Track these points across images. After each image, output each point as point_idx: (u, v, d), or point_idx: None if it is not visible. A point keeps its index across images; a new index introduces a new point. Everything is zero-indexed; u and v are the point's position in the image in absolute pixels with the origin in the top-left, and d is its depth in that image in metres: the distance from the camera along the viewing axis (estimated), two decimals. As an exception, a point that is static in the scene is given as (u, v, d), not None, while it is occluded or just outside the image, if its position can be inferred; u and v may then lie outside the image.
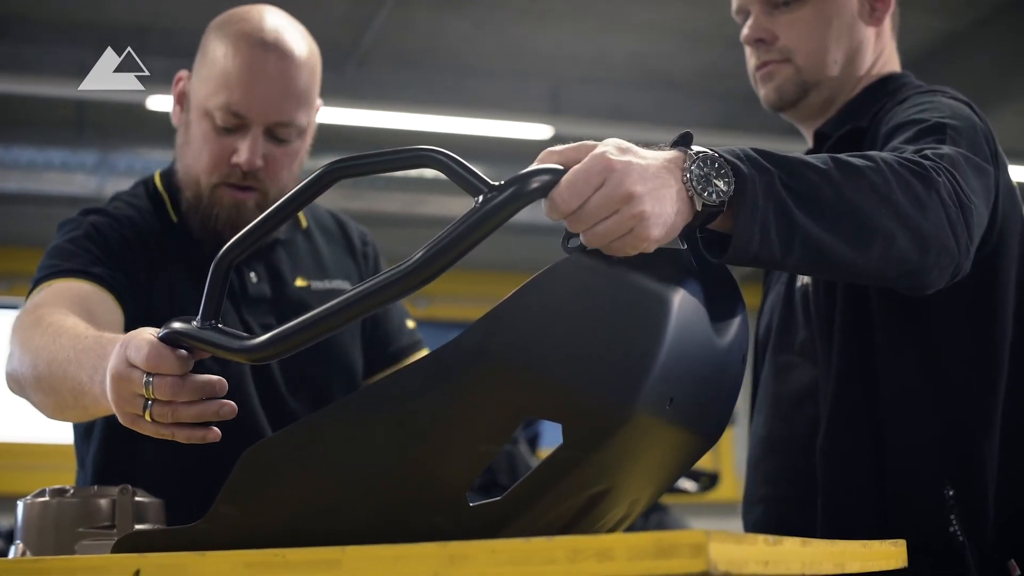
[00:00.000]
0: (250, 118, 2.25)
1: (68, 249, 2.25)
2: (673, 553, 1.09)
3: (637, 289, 1.39)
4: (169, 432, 1.56)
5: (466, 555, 1.17)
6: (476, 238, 1.37)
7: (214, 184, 2.29)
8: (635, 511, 1.63)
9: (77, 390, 1.81)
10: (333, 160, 1.51)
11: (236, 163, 2.26)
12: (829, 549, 1.43)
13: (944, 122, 1.91)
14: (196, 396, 1.54)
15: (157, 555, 1.36)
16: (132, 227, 2.33)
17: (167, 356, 1.52)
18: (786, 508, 2.16)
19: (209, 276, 1.56)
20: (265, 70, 2.25)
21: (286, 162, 2.31)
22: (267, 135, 2.27)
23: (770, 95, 2.29)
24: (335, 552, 1.23)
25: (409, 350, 2.59)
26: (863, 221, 1.56)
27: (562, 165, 1.40)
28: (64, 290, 2.15)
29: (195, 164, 2.30)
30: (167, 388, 1.52)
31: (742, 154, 1.48)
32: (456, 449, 1.37)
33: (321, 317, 1.42)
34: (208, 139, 2.28)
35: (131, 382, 1.54)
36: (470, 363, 1.36)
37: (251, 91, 2.24)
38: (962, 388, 2.03)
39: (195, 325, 1.54)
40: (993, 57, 7.58)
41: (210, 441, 1.58)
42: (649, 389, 1.35)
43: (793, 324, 2.21)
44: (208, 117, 2.27)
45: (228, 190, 2.29)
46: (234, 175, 2.27)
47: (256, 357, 1.47)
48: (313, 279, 2.45)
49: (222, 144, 2.27)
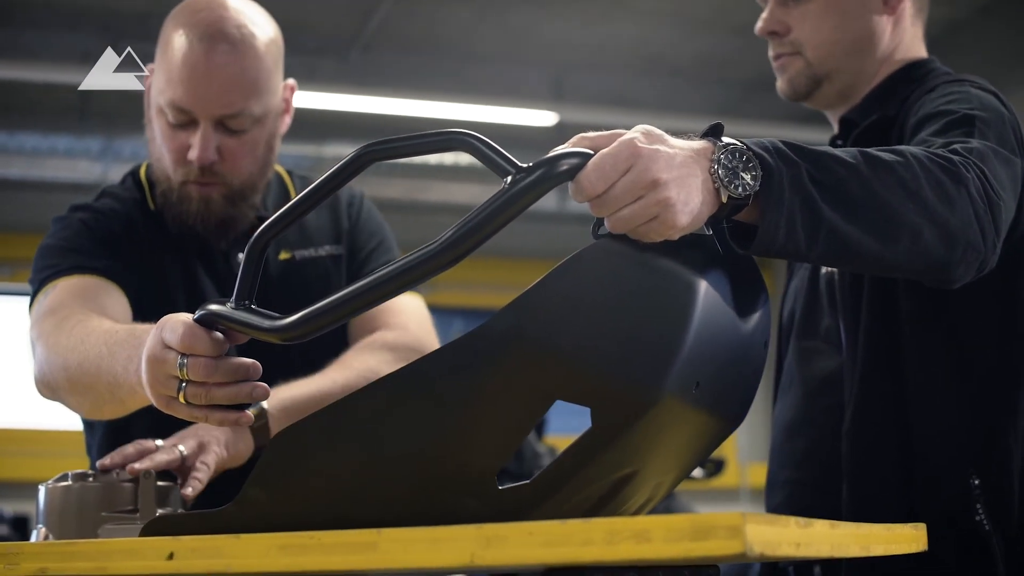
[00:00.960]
0: (195, 113, 2.21)
1: (63, 247, 2.25)
2: (710, 535, 1.09)
3: (665, 274, 1.40)
4: (203, 415, 1.57)
5: (502, 537, 1.17)
6: (506, 218, 1.38)
7: (180, 181, 2.27)
8: (658, 495, 1.64)
9: (113, 383, 1.82)
10: (367, 143, 1.52)
11: (189, 159, 2.23)
12: (856, 532, 1.44)
13: (973, 114, 1.91)
14: (230, 378, 1.54)
15: (190, 538, 1.36)
16: (118, 220, 2.32)
17: (201, 337, 1.53)
18: (810, 491, 2.17)
19: (244, 257, 1.56)
20: (206, 63, 2.19)
21: (244, 151, 2.26)
22: (219, 127, 2.23)
23: (783, 87, 2.30)
24: (371, 535, 1.24)
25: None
26: (890, 216, 1.56)
27: (592, 150, 1.41)
28: (71, 288, 2.16)
29: (161, 160, 2.28)
30: (201, 369, 1.53)
31: (770, 146, 1.49)
32: (486, 432, 1.38)
33: (351, 296, 1.43)
34: (165, 136, 2.25)
35: (166, 363, 1.55)
36: (500, 347, 1.36)
37: (193, 86, 2.19)
38: (987, 377, 2.04)
39: (230, 306, 1.54)
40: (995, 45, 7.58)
41: (243, 424, 1.59)
42: (676, 373, 1.37)
43: (818, 310, 2.22)
44: (161, 114, 2.24)
45: (193, 186, 2.26)
46: (193, 172, 2.24)
47: (288, 336, 1.48)
48: (297, 249, 2.41)
49: (178, 140, 2.24)
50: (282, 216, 1.57)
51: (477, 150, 1.44)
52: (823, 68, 2.24)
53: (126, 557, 1.39)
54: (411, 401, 1.40)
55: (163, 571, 1.36)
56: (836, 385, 2.13)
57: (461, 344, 1.39)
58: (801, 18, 2.24)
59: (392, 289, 1.42)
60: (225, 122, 2.23)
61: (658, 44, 8.30)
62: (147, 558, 1.37)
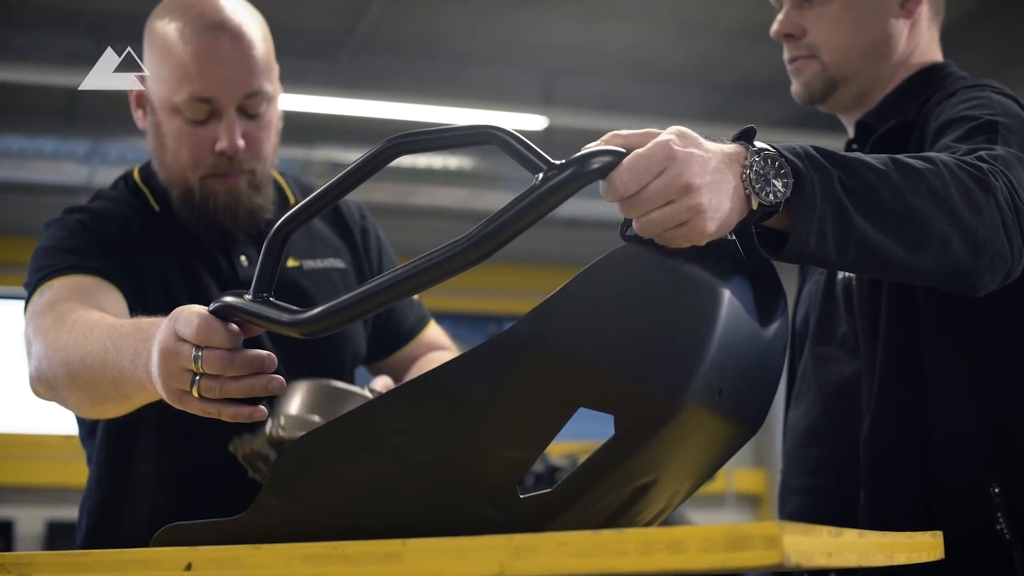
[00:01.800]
0: (220, 101, 2.20)
1: (60, 248, 2.22)
2: (747, 545, 1.08)
3: (690, 280, 1.39)
4: (215, 409, 1.54)
5: (532, 547, 1.16)
6: (535, 216, 1.36)
7: (202, 177, 2.25)
8: (674, 503, 1.62)
9: (118, 378, 1.78)
10: (395, 135, 1.49)
11: (220, 151, 2.21)
12: (880, 540, 1.43)
13: (995, 120, 1.90)
14: (245, 371, 1.52)
15: (208, 548, 1.34)
16: (116, 221, 2.30)
17: (217, 329, 1.51)
18: (826, 499, 2.15)
19: (264, 248, 1.54)
20: (220, 50, 2.20)
21: (264, 135, 2.27)
22: (240, 113, 2.23)
23: (799, 91, 2.28)
24: (396, 545, 1.22)
25: (420, 324, 2.57)
26: (920, 224, 1.55)
27: (625, 149, 1.39)
28: (69, 286, 2.13)
29: (176, 162, 2.26)
30: (216, 362, 1.50)
31: (802, 152, 1.47)
32: (508, 439, 1.36)
33: (374, 292, 1.41)
34: (183, 135, 2.23)
35: (180, 356, 1.53)
36: (523, 353, 1.35)
37: (214, 73, 2.20)
38: (1008, 385, 2.03)
39: (247, 298, 1.52)
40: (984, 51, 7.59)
41: (257, 419, 1.56)
42: (701, 380, 1.35)
43: (834, 316, 2.20)
44: (177, 113, 2.22)
45: (218, 180, 2.25)
46: (221, 164, 2.23)
47: (307, 331, 1.46)
48: (305, 258, 2.40)
49: (199, 136, 2.22)
50: (304, 208, 1.55)
51: (508, 145, 1.42)
52: (840, 71, 2.23)
53: (142, 568, 1.37)
54: (432, 408, 1.38)
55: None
56: (853, 392, 2.12)
57: (483, 351, 1.38)
58: (817, 21, 2.22)
59: (417, 285, 1.40)
60: (245, 106, 2.23)
61: (648, 48, 8.29)
62: (164, 568, 1.35)
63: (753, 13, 7.71)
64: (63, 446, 10.96)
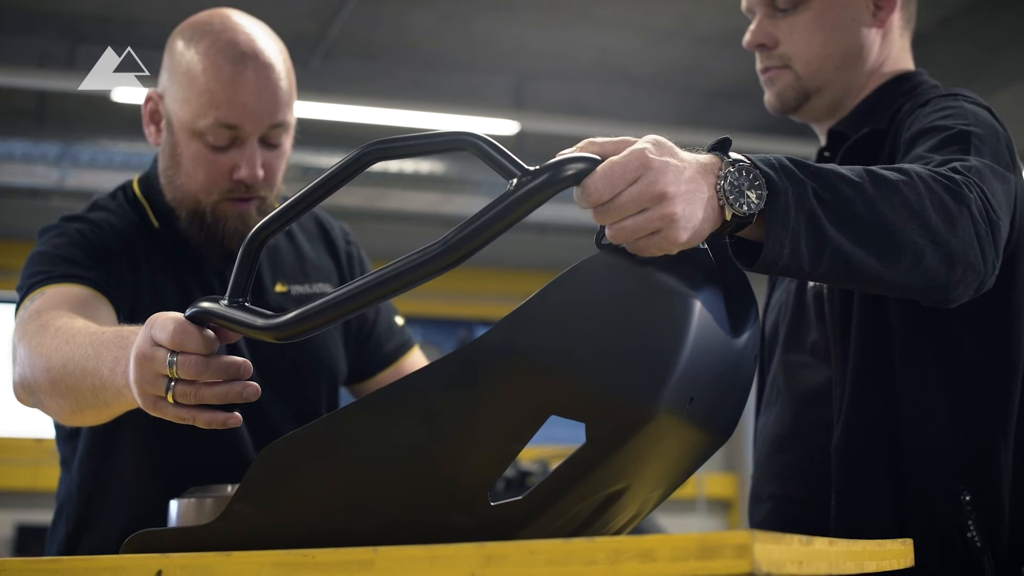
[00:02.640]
0: (245, 129, 2.21)
1: (56, 255, 2.21)
2: (718, 554, 1.08)
3: (662, 289, 1.39)
4: (191, 416, 1.54)
5: (503, 555, 1.16)
6: (509, 221, 1.37)
7: (215, 202, 2.25)
8: (645, 511, 1.63)
9: (98, 385, 1.78)
10: (371, 141, 1.50)
11: (239, 179, 2.22)
12: (850, 548, 1.43)
13: (968, 130, 1.90)
14: (220, 376, 1.52)
15: (179, 555, 1.34)
16: (114, 234, 2.30)
17: (192, 334, 1.51)
18: (796, 507, 2.15)
19: (240, 254, 1.55)
20: (249, 79, 2.20)
21: (279, 164, 2.28)
22: (261, 143, 2.24)
23: (771, 101, 2.28)
24: (367, 552, 1.22)
25: (402, 349, 2.58)
26: (894, 236, 1.56)
27: (600, 157, 1.40)
28: (60, 295, 2.12)
29: (190, 183, 2.26)
30: (191, 367, 1.50)
31: (777, 164, 1.48)
32: (479, 447, 1.36)
33: (347, 297, 1.41)
34: (202, 158, 2.23)
35: (155, 361, 1.53)
36: (495, 361, 1.35)
37: (242, 103, 2.20)
38: (979, 392, 2.02)
39: (223, 304, 1.52)
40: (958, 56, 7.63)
41: (231, 426, 1.56)
42: (672, 388, 1.35)
43: (805, 324, 2.20)
44: (198, 137, 2.22)
45: (231, 204, 2.25)
46: (237, 190, 2.24)
47: (281, 335, 1.46)
48: (293, 283, 2.42)
49: (219, 162, 2.23)
50: (280, 215, 1.55)
51: (483, 151, 1.43)
52: (812, 82, 2.23)
53: (112, 574, 1.37)
54: (403, 416, 1.38)
55: (151, 588, 1.34)
56: (824, 400, 2.12)
57: (455, 358, 1.38)
58: (790, 31, 2.22)
59: (391, 289, 1.40)
60: (267, 136, 2.24)
61: (620, 53, 8.31)
62: (134, 575, 1.35)
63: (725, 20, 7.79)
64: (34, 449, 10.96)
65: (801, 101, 2.25)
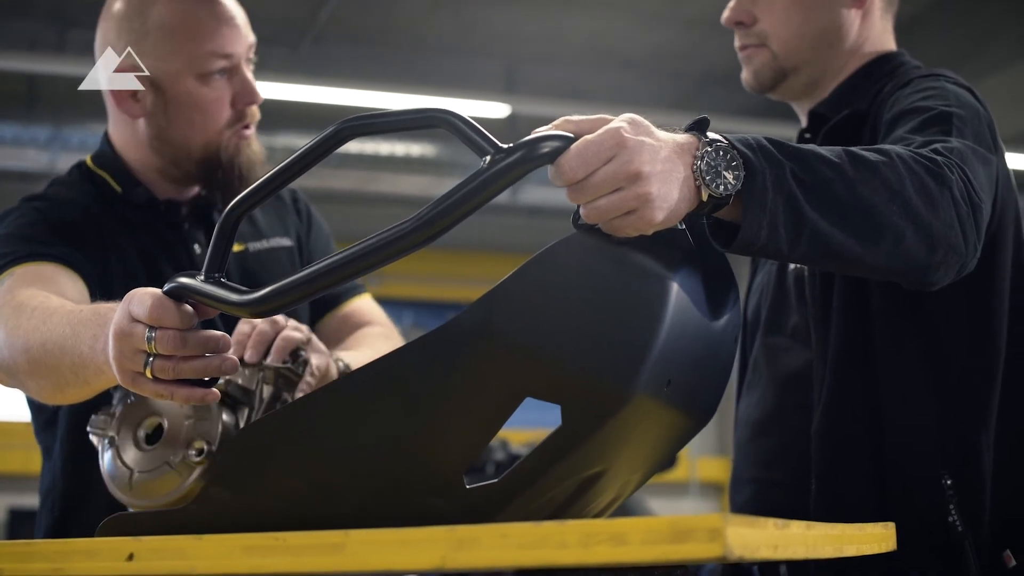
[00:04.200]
0: (237, 54, 2.27)
1: (19, 235, 2.20)
2: (689, 538, 1.07)
3: (639, 270, 1.38)
4: (169, 391, 1.53)
5: (475, 539, 1.15)
6: (483, 198, 1.36)
7: (225, 138, 2.28)
8: (625, 493, 1.62)
9: (78, 363, 1.77)
10: (348, 117, 1.51)
11: (246, 104, 2.28)
12: (829, 532, 1.42)
13: (950, 111, 1.88)
14: (199, 351, 1.51)
15: (151, 538, 1.33)
16: (74, 207, 2.30)
17: (170, 309, 1.50)
18: (777, 490, 2.14)
19: (216, 230, 1.54)
20: (221, 8, 2.27)
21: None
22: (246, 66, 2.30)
23: (748, 79, 2.27)
24: (338, 536, 1.21)
25: (347, 293, 2.56)
26: (874, 218, 1.54)
27: (575, 135, 1.38)
28: (29, 274, 2.11)
29: (193, 133, 2.28)
30: (169, 341, 1.49)
31: (755, 144, 1.46)
32: (454, 430, 1.36)
33: (322, 272, 1.40)
34: (203, 100, 2.26)
35: (133, 336, 1.51)
36: (470, 343, 1.34)
37: (226, 30, 2.26)
38: (960, 376, 2.02)
39: (199, 279, 1.52)
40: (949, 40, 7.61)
41: (209, 402, 1.55)
42: (649, 370, 1.34)
43: (786, 307, 2.19)
44: (195, 81, 2.25)
45: (237, 136, 2.30)
46: (241, 118, 2.29)
47: (257, 311, 1.45)
48: (250, 241, 2.42)
49: (218, 98, 2.27)
50: (255, 190, 1.55)
51: (457, 128, 1.42)
52: (789, 61, 2.21)
53: (85, 558, 1.36)
54: (378, 397, 1.38)
55: (123, 572, 1.33)
56: (804, 383, 2.11)
57: (430, 340, 1.37)
58: (768, 9, 2.20)
59: (365, 265, 1.39)
60: (248, 58, 2.31)
61: (611, 37, 8.29)
62: (106, 559, 1.34)
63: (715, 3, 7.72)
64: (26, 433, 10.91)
65: (777, 80, 2.24)
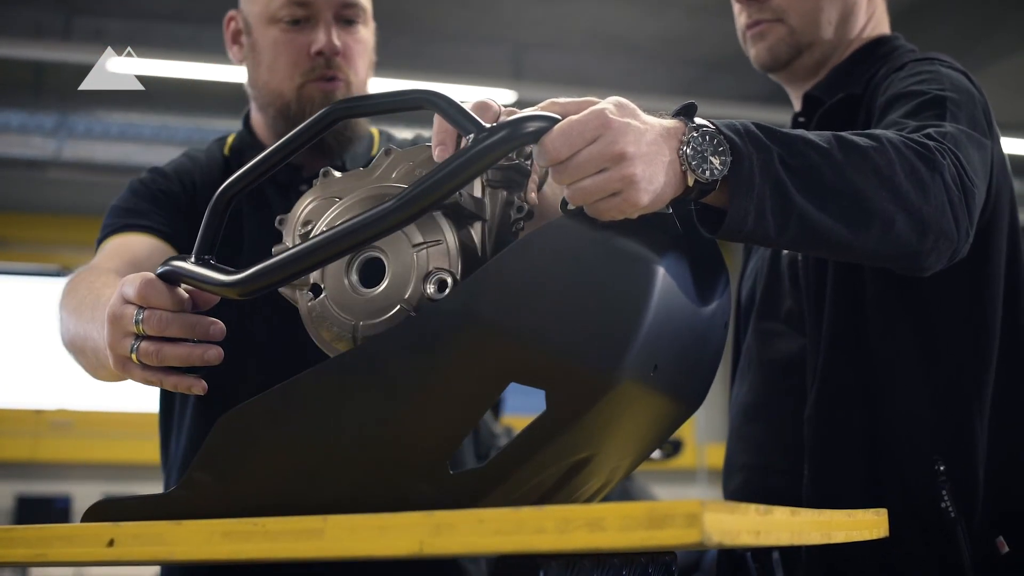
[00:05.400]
0: (315, 3, 2.28)
1: (119, 207, 2.29)
2: (667, 523, 1.06)
3: (624, 254, 1.37)
4: (156, 379, 1.53)
5: (452, 524, 1.14)
6: (465, 177, 1.35)
7: (299, 85, 2.30)
8: (615, 479, 1.61)
9: (96, 349, 1.78)
10: (337, 101, 1.51)
11: (317, 50, 2.27)
12: (816, 519, 1.41)
13: (944, 95, 1.87)
14: (186, 333, 1.51)
15: (131, 524, 1.32)
16: (178, 175, 2.36)
17: (159, 288, 1.50)
18: (770, 476, 2.13)
19: (207, 212, 1.54)
20: None
21: (360, 49, 2.33)
22: (336, 21, 2.29)
23: (762, 55, 2.23)
24: (317, 521, 1.20)
25: None
26: (863, 203, 1.52)
27: (562, 116, 1.37)
28: (119, 246, 2.19)
29: (273, 77, 2.31)
30: (156, 321, 1.49)
31: (742, 129, 1.45)
32: (438, 415, 1.35)
33: (307, 252, 1.39)
34: (279, 43, 2.29)
35: (124, 318, 1.51)
36: (452, 327, 1.33)
37: None
38: (955, 361, 2.00)
39: (190, 261, 1.51)
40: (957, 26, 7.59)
41: (196, 392, 1.54)
42: (634, 355, 1.33)
43: (779, 291, 2.18)
44: (274, 22, 2.29)
45: (315, 85, 2.30)
46: (317, 67, 2.29)
47: (244, 291, 1.44)
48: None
49: (296, 41, 2.29)
50: (245, 173, 1.55)
51: (442, 109, 1.42)
52: (807, 37, 2.19)
53: (66, 544, 1.36)
54: (362, 383, 1.37)
55: (103, 558, 1.33)
56: (797, 368, 2.10)
57: (413, 324, 1.37)
58: None
59: (350, 244, 1.38)
60: (341, 13, 2.30)
61: (618, 23, 8.27)
62: (87, 545, 1.34)
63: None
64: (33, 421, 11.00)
65: (792, 56, 2.21)
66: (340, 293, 1.49)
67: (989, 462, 1.98)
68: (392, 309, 1.44)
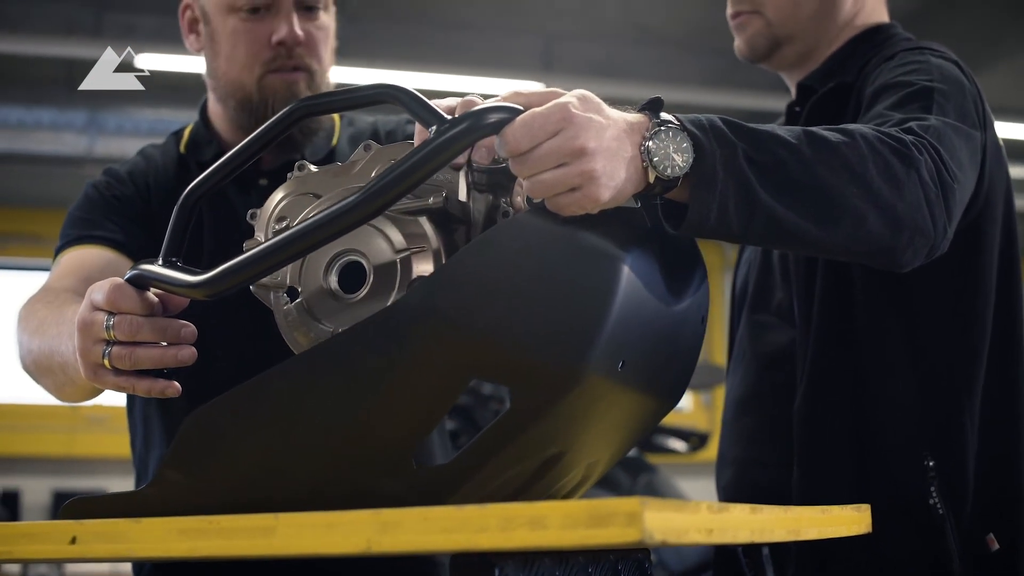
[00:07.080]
0: None
1: (74, 218, 2.25)
2: (607, 522, 1.05)
3: (587, 249, 1.36)
4: (129, 384, 1.53)
5: (398, 522, 1.14)
6: (428, 169, 1.35)
7: (259, 76, 2.23)
8: (594, 473, 1.60)
9: (64, 364, 1.77)
10: (301, 98, 1.52)
11: (279, 40, 2.20)
12: (782, 516, 1.40)
13: (932, 86, 1.85)
14: (158, 337, 1.51)
15: (94, 522, 1.34)
16: (132, 177, 2.31)
17: (128, 293, 1.50)
18: (760, 469, 2.13)
19: (174, 214, 1.55)
20: None
21: (322, 36, 2.25)
22: (297, 8, 2.22)
23: (741, 47, 2.24)
24: (269, 519, 1.21)
25: None
26: (831, 199, 1.50)
27: (525, 107, 1.37)
28: (73, 260, 2.15)
29: (232, 66, 2.25)
30: (126, 326, 1.49)
31: (707, 125, 1.44)
32: (402, 411, 1.35)
33: (273, 249, 1.40)
34: (238, 33, 2.23)
35: (94, 325, 1.51)
36: (415, 323, 1.32)
37: None
38: (944, 356, 1.99)
39: (157, 264, 1.52)
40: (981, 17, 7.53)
41: (169, 396, 1.55)
42: (598, 352, 1.32)
43: (770, 284, 2.17)
44: (233, 11, 2.22)
45: (276, 76, 2.23)
46: (279, 57, 2.22)
47: (212, 291, 1.45)
48: None
49: (256, 31, 2.21)
50: (212, 173, 1.56)
51: (403, 102, 1.43)
52: (784, 30, 2.18)
53: (29, 541, 1.37)
54: (326, 379, 1.37)
55: (67, 555, 1.34)
56: (788, 361, 2.09)
57: (375, 321, 1.36)
58: None
59: (314, 241, 1.39)
60: (302, 1, 2.22)
61: (647, 12, 8.26)
62: (51, 542, 1.35)
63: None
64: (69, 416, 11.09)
65: (771, 49, 2.21)
66: (318, 297, 1.50)
67: (979, 457, 1.96)
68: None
